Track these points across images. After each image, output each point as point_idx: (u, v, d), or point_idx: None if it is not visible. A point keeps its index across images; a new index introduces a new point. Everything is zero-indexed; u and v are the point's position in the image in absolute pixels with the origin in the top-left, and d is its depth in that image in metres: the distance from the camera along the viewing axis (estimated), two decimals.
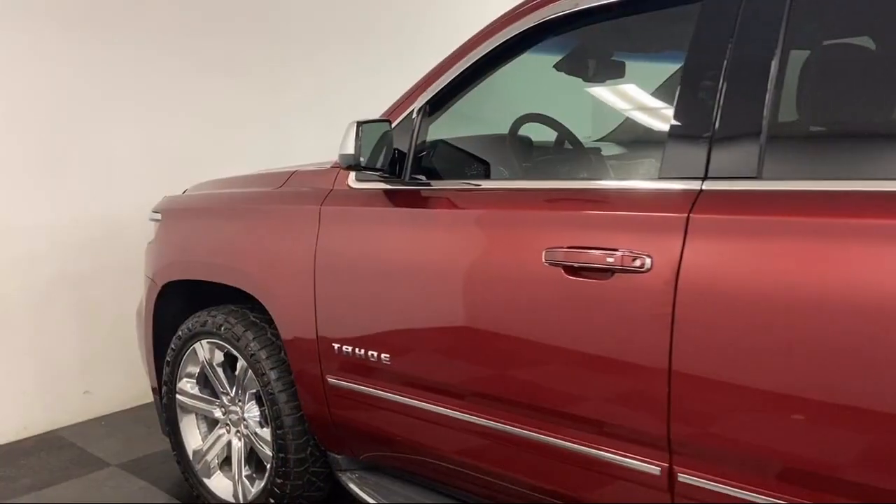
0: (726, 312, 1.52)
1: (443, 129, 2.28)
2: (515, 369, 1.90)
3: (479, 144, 2.41)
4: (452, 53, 2.18)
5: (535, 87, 2.59)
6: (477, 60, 2.10)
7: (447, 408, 2.05)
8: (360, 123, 2.05)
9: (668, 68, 2.18)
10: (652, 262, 1.61)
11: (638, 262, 1.62)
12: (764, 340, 1.47)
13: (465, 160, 2.22)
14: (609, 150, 2.74)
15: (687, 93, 1.68)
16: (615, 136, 2.83)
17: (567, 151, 2.55)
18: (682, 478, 1.61)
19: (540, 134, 2.63)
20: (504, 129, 2.62)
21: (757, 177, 1.54)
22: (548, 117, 2.57)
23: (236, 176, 2.97)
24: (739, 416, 1.53)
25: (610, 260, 1.66)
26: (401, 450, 2.29)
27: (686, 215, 1.58)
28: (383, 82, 3.78)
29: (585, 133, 2.81)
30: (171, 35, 4.01)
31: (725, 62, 1.61)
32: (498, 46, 2.07)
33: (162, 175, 3.88)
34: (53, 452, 3.48)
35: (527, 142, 2.60)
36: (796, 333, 1.43)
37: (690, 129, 1.66)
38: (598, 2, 1.86)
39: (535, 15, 1.99)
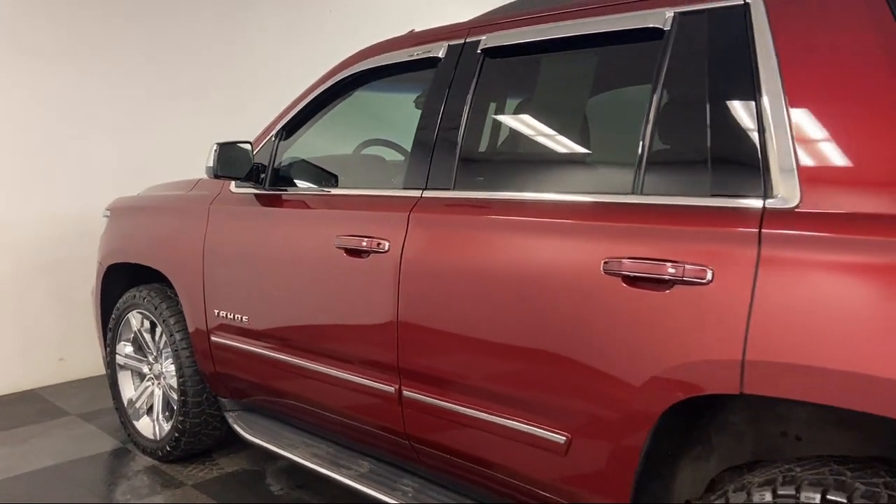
0: (431, 281, 2.22)
1: (324, 148, 3.00)
2: (320, 326, 2.61)
3: (334, 161, 3.14)
4: (301, 93, 2.92)
5: (394, 118, 3.28)
6: (314, 99, 2.85)
7: (286, 355, 2.76)
8: (219, 144, 2.79)
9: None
10: (389, 245, 2.32)
11: (381, 246, 2.33)
12: (454, 300, 2.15)
13: (318, 172, 2.94)
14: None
15: (420, 128, 2.39)
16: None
17: (392, 167, 3.26)
18: (407, 391, 2.31)
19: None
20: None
21: (452, 188, 2.25)
22: (387, 140, 3.28)
23: (169, 182, 3.73)
24: (440, 352, 2.22)
25: (364, 244, 2.38)
26: (262, 391, 3.01)
27: (408, 214, 2.30)
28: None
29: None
30: (141, 63, 4.81)
31: (441, 109, 2.33)
32: (327, 89, 2.81)
33: (128, 180, 4.64)
34: (28, 405, 4.27)
35: (377, 159, 3.32)
36: (473, 295, 2.10)
37: (419, 154, 2.37)
38: (380, 64, 2.60)
39: (349, 69, 2.74)
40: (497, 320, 2.04)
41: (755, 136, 1.66)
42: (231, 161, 2.80)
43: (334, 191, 2.75)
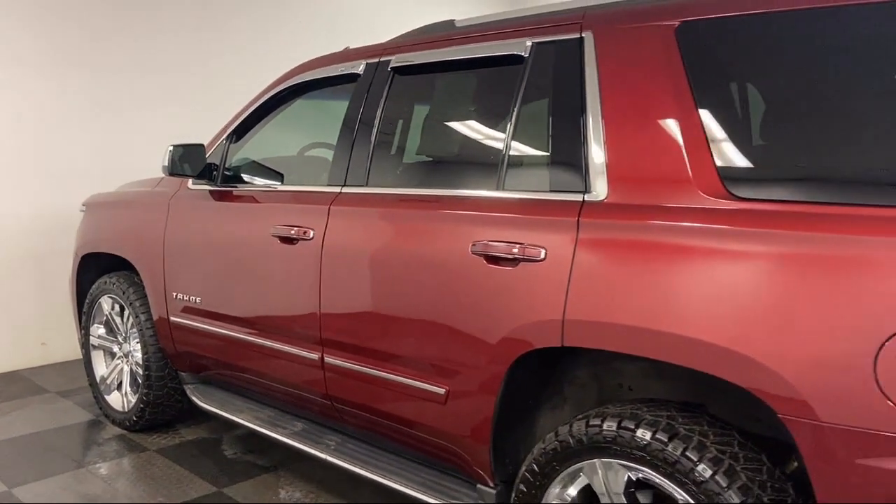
0: (345, 263, 2.62)
1: (274, 150, 3.41)
2: (259, 304, 3.02)
3: (282, 161, 3.55)
4: (249, 102, 3.33)
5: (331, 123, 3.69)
6: (259, 106, 3.26)
7: (232, 331, 3.17)
8: (173, 146, 3.20)
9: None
10: (314, 234, 2.73)
11: (307, 234, 2.74)
12: (362, 279, 2.56)
13: (264, 171, 3.35)
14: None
15: (342, 133, 2.80)
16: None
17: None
18: (328, 358, 2.72)
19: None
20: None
21: (365, 185, 2.66)
22: (325, 143, 3.69)
23: (139, 180, 4.13)
24: (352, 322, 2.62)
25: (293, 232, 2.79)
26: (215, 365, 3.41)
27: (328, 206, 2.71)
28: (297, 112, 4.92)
29: None
30: (119, 70, 5.21)
31: (359, 117, 2.74)
32: (271, 98, 3.22)
33: (108, 178, 5.03)
34: (12, 384, 4.67)
35: (320, 160, 3.72)
36: (375, 274, 2.51)
37: (341, 155, 2.79)
38: (314, 77, 3.02)
39: (289, 81, 3.15)
40: (392, 295, 2.46)
41: (580, 144, 2.08)
42: (183, 161, 3.21)
43: (276, 187, 3.15)
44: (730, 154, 1.83)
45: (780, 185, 1.76)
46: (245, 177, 3.31)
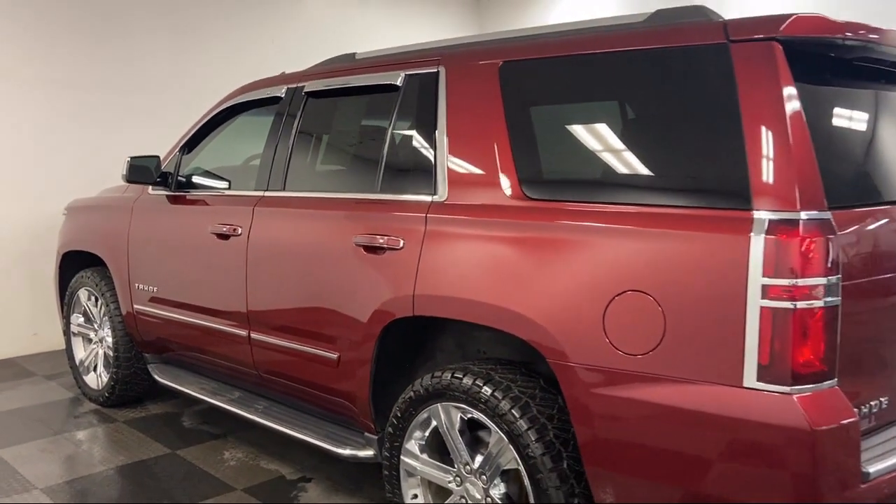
0: (264, 255, 3.17)
1: (226, 159, 3.98)
2: (201, 291, 3.56)
3: (230, 169, 4.10)
4: (198, 119, 3.88)
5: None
6: (206, 123, 3.82)
7: (181, 315, 3.71)
8: (130, 157, 3.75)
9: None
10: (241, 230, 3.28)
11: (236, 231, 3.29)
12: (275, 267, 3.11)
13: (211, 178, 3.90)
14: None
15: (266, 146, 3.35)
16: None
17: None
18: (254, 334, 3.26)
19: None
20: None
21: (283, 189, 3.21)
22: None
23: (112, 186, 4.70)
24: (269, 304, 3.17)
25: (225, 230, 3.33)
26: (170, 346, 3.96)
27: (253, 207, 3.26)
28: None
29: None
30: (102, 88, 5.79)
31: (279, 133, 3.28)
32: (216, 115, 3.78)
33: (94, 185, 5.60)
34: (5, 368, 5.25)
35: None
36: (283, 264, 3.05)
37: (265, 164, 3.33)
38: (250, 98, 3.57)
39: (231, 101, 3.71)
40: (299, 280, 3.01)
41: (432, 157, 2.62)
42: (139, 170, 3.76)
43: (217, 192, 3.70)
44: (526, 165, 2.37)
45: (557, 188, 2.30)
46: (196, 183, 3.86)
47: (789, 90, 1.88)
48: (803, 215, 1.80)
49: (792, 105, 1.87)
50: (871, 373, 2.04)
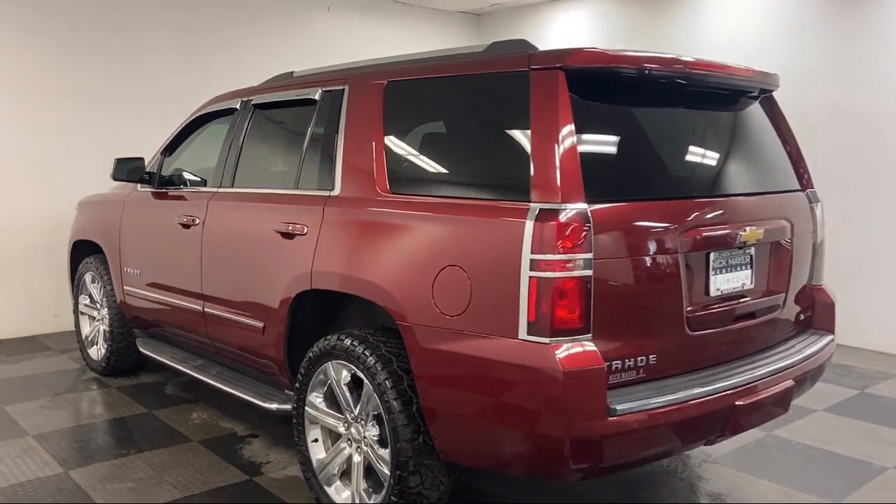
0: (214, 240, 3.76)
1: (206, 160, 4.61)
2: (169, 272, 4.18)
3: (207, 171, 4.73)
4: (177, 126, 4.52)
5: None
6: (183, 129, 4.45)
7: (157, 294, 4.34)
8: (117, 159, 4.41)
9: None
10: (199, 220, 3.88)
11: (195, 221, 3.90)
12: (220, 250, 3.70)
13: (187, 177, 4.52)
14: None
15: (222, 149, 3.95)
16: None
17: None
18: (207, 308, 3.86)
19: None
20: None
21: (232, 185, 3.80)
22: None
23: (116, 184, 5.38)
24: (216, 281, 3.76)
25: (186, 220, 3.95)
26: (152, 321, 4.59)
27: (208, 201, 3.86)
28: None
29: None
30: (116, 97, 6.52)
31: (232, 139, 3.88)
32: (190, 122, 4.41)
33: (107, 184, 6.33)
34: (28, 344, 5.98)
35: None
36: (224, 247, 3.64)
37: (220, 165, 3.93)
38: (216, 108, 4.18)
39: (202, 110, 4.33)
40: (236, 261, 3.60)
41: (333, 158, 3.17)
42: (124, 170, 4.42)
43: (188, 189, 4.33)
44: (392, 165, 2.91)
45: (409, 184, 2.84)
46: (173, 180, 4.49)
47: (564, 108, 2.37)
48: (564, 206, 2.29)
49: (564, 119, 2.36)
50: (637, 335, 2.50)
